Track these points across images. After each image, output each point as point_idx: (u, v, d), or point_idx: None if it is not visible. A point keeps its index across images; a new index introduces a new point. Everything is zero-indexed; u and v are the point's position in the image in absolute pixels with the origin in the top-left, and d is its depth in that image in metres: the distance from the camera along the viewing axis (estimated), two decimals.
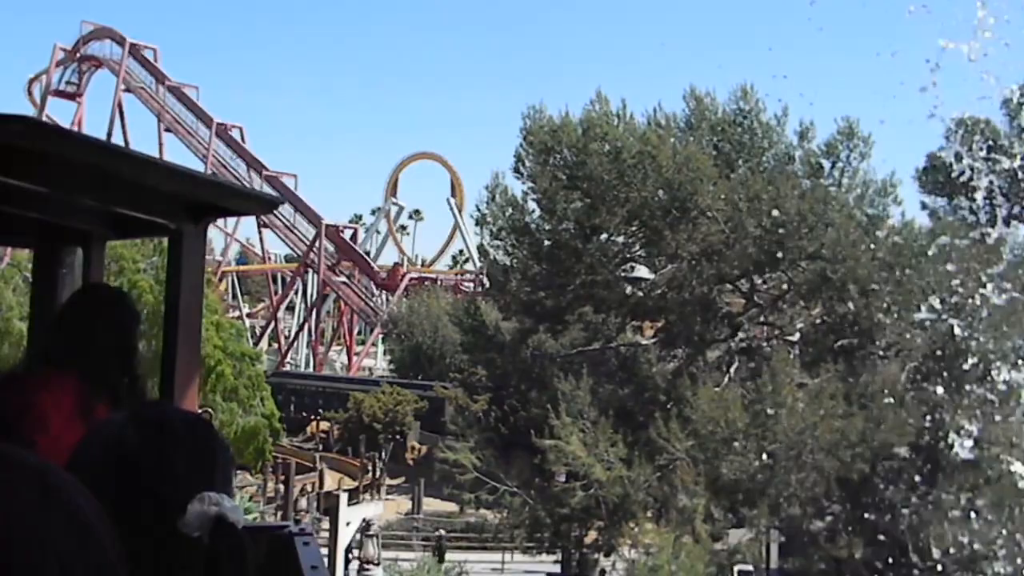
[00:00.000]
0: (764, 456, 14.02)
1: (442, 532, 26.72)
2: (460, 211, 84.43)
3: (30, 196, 2.74)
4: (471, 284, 70.68)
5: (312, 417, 45.58)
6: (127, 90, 66.34)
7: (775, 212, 13.87)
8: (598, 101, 15.70)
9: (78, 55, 69.44)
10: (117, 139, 68.03)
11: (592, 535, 14.87)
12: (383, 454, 37.43)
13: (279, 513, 25.01)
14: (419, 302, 54.09)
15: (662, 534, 12.51)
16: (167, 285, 3.23)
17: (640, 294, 16.36)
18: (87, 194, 2.86)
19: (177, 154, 65.83)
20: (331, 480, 32.93)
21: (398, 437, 40.49)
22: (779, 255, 14.64)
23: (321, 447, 41.13)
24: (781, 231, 14.12)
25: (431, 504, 30.16)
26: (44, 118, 69.50)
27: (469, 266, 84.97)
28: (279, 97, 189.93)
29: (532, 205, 17.82)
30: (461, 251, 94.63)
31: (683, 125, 16.74)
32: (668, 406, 14.66)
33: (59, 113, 70.83)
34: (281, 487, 30.43)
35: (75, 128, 69.35)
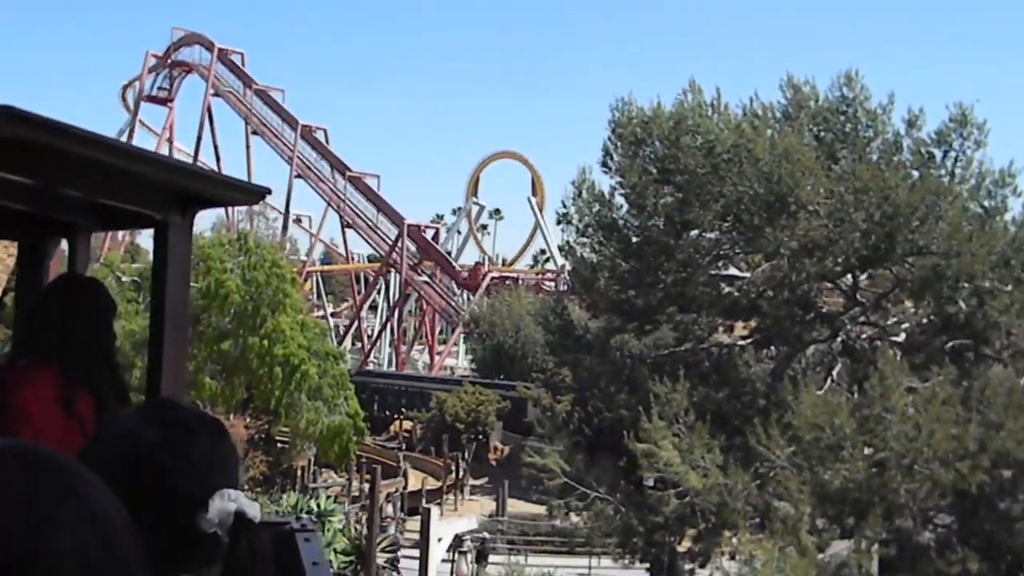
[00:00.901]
0: (873, 464, 13.20)
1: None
2: (541, 210, 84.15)
3: (13, 187, 2.69)
4: (552, 283, 70.32)
5: (395, 416, 45.79)
6: (216, 94, 67.93)
7: (884, 204, 13.03)
8: (691, 91, 15.03)
9: (169, 61, 71.39)
10: (206, 143, 69.82)
11: (686, 544, 14.26)
12: (466, 454, 37.29)
13: (363, 515, 24.92)
14: (501, 301, 53.93)
15: (764, 545, 11.85)
16: (153, 278, 3.22)
17: (735, 293, 15.65)
18: (71, 185, 2.84)
19: (264, 156, 67.48)
20: (414, 480, 32.86)
21: (481, 437, 40.32)
22: (887, 250, 13.76)
23: (404, 446, 41.21)
24: (891, 223, 13.25)
25: (515, 506, 29.80)
26: (137, 123, 71.81)
27: (550, 265, 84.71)
28: (363, 98, 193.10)
29: (620, 201, 17.23)
30: (542, 250, 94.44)
31: (780, 115, 15.94)
32: (767, 410, 13.93)
33: (151, 118, 73.13)
34: (366, 486, 30.44)
35: (167, 133, 71.39)
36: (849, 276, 16.41)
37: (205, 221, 74.27)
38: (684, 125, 14.62)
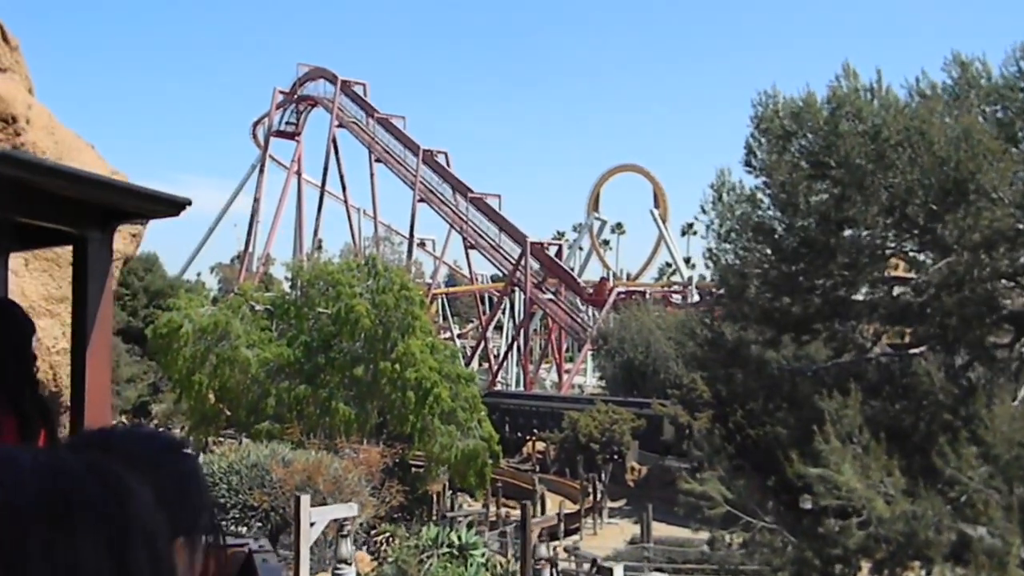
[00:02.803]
0: None
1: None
2: (664, 222, 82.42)
3: None
4: (680, 296, 68.47)
5: (527, 437, 45.03)
6: (340, 125, 69.53)
7: None
8: (846, 76, 13.61)
9: (295, 96, 73.64)
10: (332, 173, 71.49)
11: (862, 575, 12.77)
12: (603, 475, 36.13)
13: (503, 543, 24.04)
14: (629, 316, 52.66)
15: None
16: (73, 295, 3.16)
17: (907, 295, 14.07)
18: None
19: (387, 182, 68.71)
20: (551, 503, 31.89)
21: (616, 457, 39.05)
22: None
23: (538, 468, 40.36)
24: None
25: (659, 529, 28.43)
26: (267, 158, 74.20)
27: (676, 278, 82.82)
28: (481, 120, 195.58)
29: (765, 202, 15.85)
30: (668, 263, 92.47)
31: (947, 97, 14.29)
32: (953, 426, 12.31)
33: (280, 152, 75.51)
34: (503, 511, 29.69)
35: (295, 166, 73.46)
36: None
37: (333, 248, 75.91)
38: (841, 112, 13.22)
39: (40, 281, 4.33)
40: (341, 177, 72.28)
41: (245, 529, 18.83)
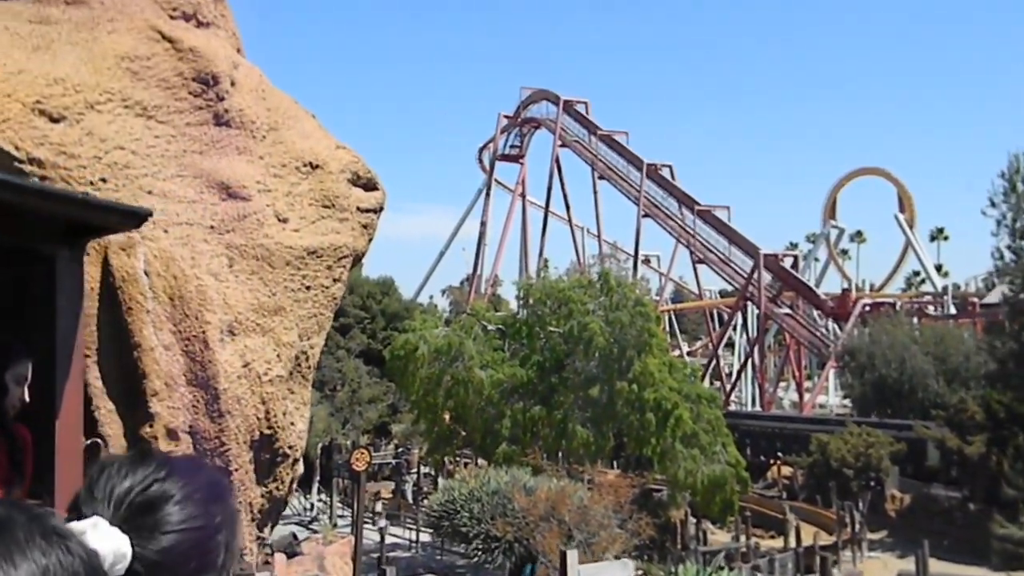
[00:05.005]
0: None
1: None
2: (911, 228, 75.91)
3: None
4: (934, 307, 62.44)
5: (770, 461, 42.22)
6: (563, 145, 69.64)
7: None
8: None
9: (519, 119, 74.68)
10: (556, 193, 71.67)
11: None
12: (860, 504, 32.94)
13: None
14: (878, 330, 48.44)
15: None
16: (44, 317, 3.13)
17: None
18: None
19: (611, 199, 68.21)
20: (804, 534, 29.29)
21: (874, 484, 35.58)
22: None
23: (785, 495, 37.58)
24: None
25: (935, 567, 25.22)
26: (493, 182, 75.71)
27: (925, 287, 75.92)
28: (707, 130, 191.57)
29: None
30: (916, 272, 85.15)
31: None
32: None
33: (505, 175, 76.83)
34: (755, 542, 27.54)
35: (519, 188, 74.44)
36: None
37: (559, 267, 76.18)
38: None
39: (248, 287, 3.54)
40: (565, 196, 72.37)
41: (488, 556, 18.21)
